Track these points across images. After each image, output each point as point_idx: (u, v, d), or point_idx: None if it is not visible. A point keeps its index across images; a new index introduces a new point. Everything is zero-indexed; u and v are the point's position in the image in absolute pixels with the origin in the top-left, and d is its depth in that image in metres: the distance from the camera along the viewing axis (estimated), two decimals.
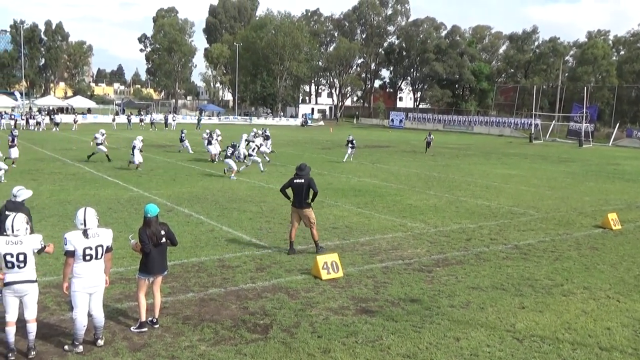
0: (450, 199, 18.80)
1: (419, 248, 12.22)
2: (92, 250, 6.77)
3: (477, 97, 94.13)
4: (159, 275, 7.59)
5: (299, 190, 11.25)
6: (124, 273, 9.85)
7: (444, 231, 14.00)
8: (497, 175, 26.16)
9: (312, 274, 10.05)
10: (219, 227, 13.68)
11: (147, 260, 7.43)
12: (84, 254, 6.72)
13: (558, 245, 12.92)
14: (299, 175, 11.34)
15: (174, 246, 7.95)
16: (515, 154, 40.43)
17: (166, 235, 7.55)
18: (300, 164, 11.63)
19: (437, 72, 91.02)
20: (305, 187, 11.22)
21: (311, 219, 11.31)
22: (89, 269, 6.78)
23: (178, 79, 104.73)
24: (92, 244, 6.77)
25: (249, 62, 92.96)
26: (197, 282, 9.58)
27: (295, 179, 11.35)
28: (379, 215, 15.72)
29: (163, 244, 7.52)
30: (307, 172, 11.39)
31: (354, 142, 30.79)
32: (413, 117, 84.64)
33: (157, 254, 7.46)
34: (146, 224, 7.44)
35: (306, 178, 11.30)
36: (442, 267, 10.88)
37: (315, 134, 52.78)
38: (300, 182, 11.28)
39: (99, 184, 20.06)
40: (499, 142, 56.15)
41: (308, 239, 12.71)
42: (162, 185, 20.46)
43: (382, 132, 64.28)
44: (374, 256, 11.51)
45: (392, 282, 9.81)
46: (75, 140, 39.57)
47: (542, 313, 8.57)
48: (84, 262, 6.74)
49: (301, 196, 11.22)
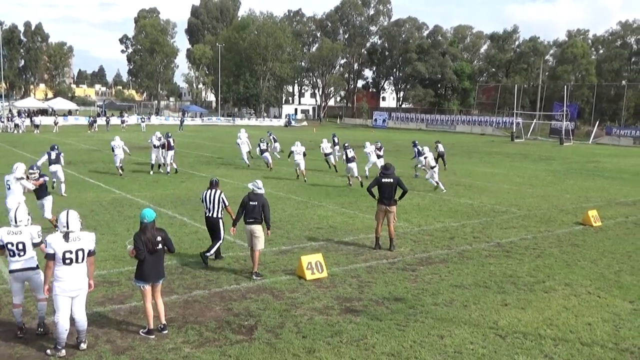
0: (434, 198, 18.92)
1: (403, 247, 12.29)
2: (72, 254, 6.72)
3: (459, 97, 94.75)
4: (155, 283, 7.44)
5: (388, 188, 11.88)
6: (107, 276, 9.78)
7: (428, 230, 14.09)
8: (480, 174, 26.35)
9: (296, 274, 10.07)
10: (203, 229, 13.60)
11: (142, 267, 7.32)
12: (63, 257, 6.68)
13: (540, 242, 13.06)
14: (385, 174, 11.94)
15: (172, 253, 7.82)
16: (497, 153, 40.78)
17: (163, 241, 7.41)
18: (385, 164, 12.39)
19: (419, 71, 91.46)
20: (394, 185, 11.90)
21: (395, 216, 12.06)
22: (70, 273, 6.74)
23: (160, 80, 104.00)
24: (72, 248, 6.73)
25: (231, 62, 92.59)
26: (181, 284, 9.54)
27: (383, 178, 11.90)
28: (362, 215, 15.77)
29: (159, 250, 7.37)
30: (392, 171, 12.08)
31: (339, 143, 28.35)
32: (396, 117, 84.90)
33: (153, 261, 7.34)
34: (142, 230, 7.30)
35: (394, 177, 11.97)
36: (426, 265, 10.95)
37: (298, 134, 52.77)
38: (389, 181, 11.86)
39: (80, 187, 19.89)
40: (481, 141, 56.58)
41: (292, 239, 12.73)
42: (144, 187, 20.31)
43: (365, 132, 64.44)
44: (358, 256, 11.56)
45: (376, 282, 9.86)
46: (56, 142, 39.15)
47: (525, 310, 8.66)
48: (64, 266, 6.71)
49: (390, 194, 11.88)
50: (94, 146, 36.66)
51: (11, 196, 12.26)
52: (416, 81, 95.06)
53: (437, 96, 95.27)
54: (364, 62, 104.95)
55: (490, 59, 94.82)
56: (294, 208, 16.51)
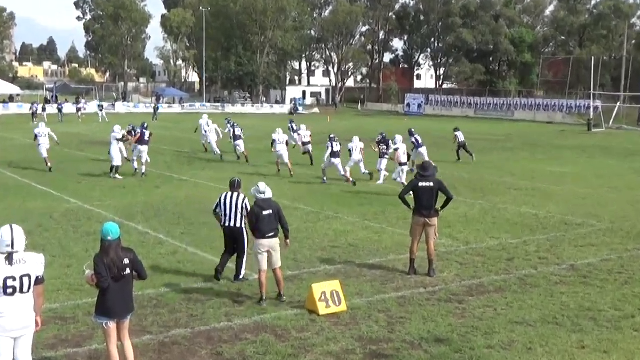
0: (485, 207, 18.83)
1: (446, 271, 12.24)
2: (16, 281, 6.69)
3: (517, 74, 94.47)
4: (121, 319, 7.44)
5: (427, 195, 11.79)
6: (59, 310, 9.81)
7: (478, 249, 14.01)
8: (546, 175, 26.22)
9: (306, 307, 10.05)
10: (184, 249, 13.64)
11: (105, 299, 7.29)
12: (4, 285, 6.64)
13: (627, 264, 12.93)
14: (424, 176, 11.85)
15: (142, 280, 7.80)
16: (569, 147, 40.57)
17: (132, 265, 7.40)
18: (423, 163, 12.21)
19: (465, 41, 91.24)
20: (435, 191, 11.81)
21: (436, 231, 12.02)
22: (12, 306, 6.71)
23: (127, 56, 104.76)
24: (16, 273, 6.69)
25: (219, 32, 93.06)
26: (155, 320, 9.54)
27: (420, 182, 11.82)
28: (392, 229, 15.72)
29: (127, 276, 7.35)
30: (433, 172, 11.98)
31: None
32: (435, 101, 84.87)
33: (119, 291, 7.31)
34: (104, 251, 7.28)
35: (435, 180, 11.91)
36: (477, 296, 10.90)
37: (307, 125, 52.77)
38: (428, 186, 11.78)
39: (25, 194, 20.01)
40: (547, 131, 56.35)
41: (300, 262, 12.70)
42: (107, 193, 20.40)
43: (395, 121, 64.38)
44: (386, 283, 11.51)
45: (411, 317, 9.81)
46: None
47: (608, 354, 8.58)
48: (5, 297, 6.67)
49: (431, 202, 11.82)
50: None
51: None
52: (461, 54, 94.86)
53: (488, 73, 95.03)
54: (392, 30, 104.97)
55: (559, 23, 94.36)
56: (302, 220, 16.50)
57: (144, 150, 24.06)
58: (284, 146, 24.75)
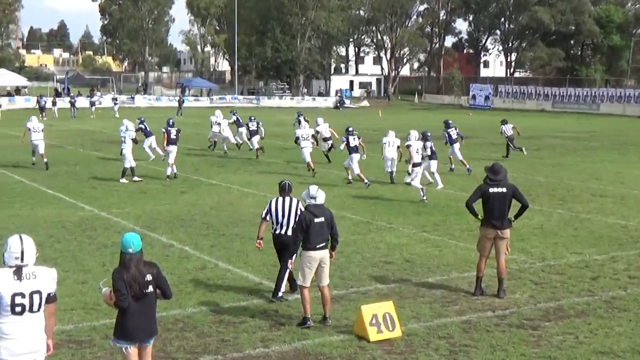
0: (565, 217, 18.64)
1: (518, 292, 12.14)
2: (26, 298, 6.74)
3: (604, 60, 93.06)
4: (143, 343, 7.49)
5: (499, 202, 11.77)
6: (73, 333, 9.99)
7: (557, 266, 13.88)
8: (638, 179, 25.83)
9: (354, 332, 10.06)
10: (214, 264, 13.77)
11: (124, 320, 7.34)
12: (12, 303, 6.69)
13: None
14: (494, 181, 11.83)
15: (167, 299, 7.87)
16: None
17: (155, 282, 7.44)
18: (493, 165, 12.08)
19: (541, 21, 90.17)
20: (508, 197, 11.80)
21: (508, 245, 12.04)
22: (22, 327, 6.77)
23: (148, 41, 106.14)
24: (25, 290, 6.75)
25: (253, 13, 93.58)
26: (181, 345, 9.66)
27: (490, 188, 11.81)
28: (455, 242, 15.67)
29: (149, 294, 7.39)
30: (505, 176, 11.98)
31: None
32: (505, 92, 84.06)
33: (140, 311, 7.35)
34: (124, 265, 7.32)
35: (508, 185, 11.92)
36: (555, 321, 10.79)
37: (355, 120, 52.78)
38: (500, 192, 11.76)
39: (34, 200, 20.39)
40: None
41: (348, 279, 12.73)
42: (126, 200, 20.70)
43: (458, 116, 63.88)
44: (448, 305, 11.47)
45: (476, 345, 9.77)
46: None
47: None
48: (13, 316, 6.72)
49: (503, 211, 11.80)
50: (52, 140, 37.58)
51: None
52: (536, 36, 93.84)
53: (568, 59, 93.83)
54: (454, 9, 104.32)
55: None
56: (350, 232, 16.52)
57: (173, 150, 24.48)
58: (308, 142, 26.19)
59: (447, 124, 28.11)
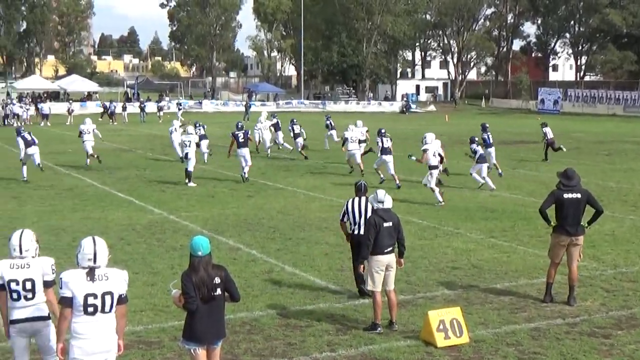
0: (638, 224, 18.33)
1: (589, 300, 11.98)
2: (98, 299, 6.90)
3: None
4: (211, 345, 7.55)
5: (573, 208, 11.70)
6: (143, 334, 10.16)
7: (629, 273, 13.66)
8: None
9: (421, 338, 10.03)
10: (280, 267, 13.86)
11: (193, 322, 7.42)
12: (85, 303, 6.85)
13: None
14: (568, 186, 11.79)
15: (235, 302, 7.92)
16: None
17: (223, 285, 7.50)
18: (566, 171, 12.05)
19: (612, 24, 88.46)
20: (583, 203, 11.74)
21: (581, 251, 11.96)
22: (94, 327, 6.93)
23: (216, 47, 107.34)
24: (97, 291, 6.91)
25: (320, 18, 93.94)
26: (248, 348, 9.73)
27: (564, 193, 11.76)
28: (523, 248, 15.52)
29: (217, 297, 7.45)
30: (578, 181, 11.93)
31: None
32: (575, 96, 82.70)
33: (209, 313, 7.43)
34: (193, 268, 7.39)
35: (582, 190, 11.86)
36: (627, 329, 10.60)
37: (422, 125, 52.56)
38: (574, 198, 11.71)
39: (105, 203, 20.84)
40: None
41: (414, 285, 12.68)
42: (195, 203, 20.98)
43: (526, 120, 63.14)
44: (517, 312, 11.37)
45: (546, 353, 9.65)
46: (70, 138, 41.31)
47: None
48: (85, 316, 6.89)
49: (577, 217, 11.75)
50: (122, 145, 38.35)
51: None
52: (607, 39, 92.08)
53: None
54: (522, 12, 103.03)
55: None
56: (417, 237, 16.46)
57: (245, 154, 24.86)
58: (356, 144, 26.87)
59: (484, 127, 28.19)
